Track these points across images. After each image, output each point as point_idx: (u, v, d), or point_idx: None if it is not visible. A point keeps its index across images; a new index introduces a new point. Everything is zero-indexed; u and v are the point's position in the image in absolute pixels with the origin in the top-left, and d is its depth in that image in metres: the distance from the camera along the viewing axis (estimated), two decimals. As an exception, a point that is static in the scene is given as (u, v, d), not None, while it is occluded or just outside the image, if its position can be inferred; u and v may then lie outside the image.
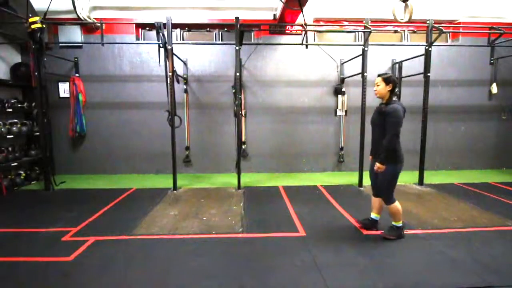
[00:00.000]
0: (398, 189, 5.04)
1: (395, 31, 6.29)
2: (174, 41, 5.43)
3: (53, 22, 5.62)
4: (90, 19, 5.76)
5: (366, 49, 4.99)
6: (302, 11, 4.58)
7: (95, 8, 5.89)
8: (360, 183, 5.21)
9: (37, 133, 5.58)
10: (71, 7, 5.30)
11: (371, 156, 3.21)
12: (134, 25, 6.03)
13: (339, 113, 6.37)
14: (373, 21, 5.47)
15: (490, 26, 5.63)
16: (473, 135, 6.60)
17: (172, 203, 4.38)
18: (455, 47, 6.30)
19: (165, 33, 4.78)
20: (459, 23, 6.39)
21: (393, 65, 6.31)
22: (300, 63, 6.25)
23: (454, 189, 5.04)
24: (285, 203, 4.37)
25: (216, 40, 6.38)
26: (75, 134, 5.98)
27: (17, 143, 5.57)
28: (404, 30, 6.40)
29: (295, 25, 5.88)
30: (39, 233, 3.35)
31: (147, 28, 6.26)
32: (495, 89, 6.35)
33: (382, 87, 3.02)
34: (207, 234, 3.32)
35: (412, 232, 3.35)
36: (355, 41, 6.48)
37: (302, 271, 2.57)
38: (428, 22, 5.02)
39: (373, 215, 3.37)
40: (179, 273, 2.55)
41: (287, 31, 6.17)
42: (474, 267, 2.61)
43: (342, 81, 6.25)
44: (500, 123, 6.60)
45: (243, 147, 6.26)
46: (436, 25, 4.97)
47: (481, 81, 6.46)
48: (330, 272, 2.54)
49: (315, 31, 6.21)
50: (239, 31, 4.79)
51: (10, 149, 5.24)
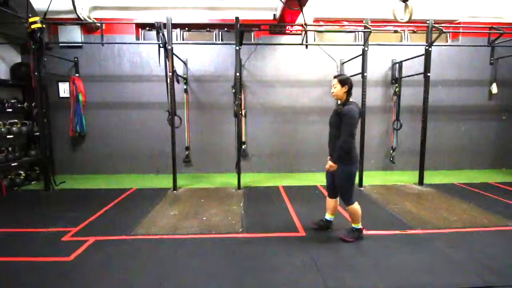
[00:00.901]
0: (398, 189, 5.10)
1: (395, 31, 6.28)
2: (174, 41, 5.43)
3: (53, 22, 5.62)
4: (90, 19, 5.75)
5: (366, 49, 5.00)
6: (302, 11, 4.58)
7: (95, 8, 5.88)
8: (360, 183, 5.21)
9: (37, 133, 5.58)
10: (71, 7, 5.30)
11: (329, 156, 3.14)
12: (134, 25, 6.03)
13: (339, 113, 6.36)
14: (373, 21, 5.46)
15: (490, 26, 5.63)
16: (473, 135, 6.60)
17: (172, 203, 4.38)
18: (455, 47, 6.29)
19: (165, 33, 4.78)
20: (459, 23, 6.39)
21: (393, 65, 6.31)
22: (300, 63, 6.25)
23: (454, 189, 5.04)
24: (285, 203, 4.37)
25: (216, 40, 6.38)
26: (75, 134, 5.98)
27: (17, 143, 5.57)
28: (404, 30, 6.40)
29: (295, 25, 5.88)
30: (39, 233, 3.35)
31: (147, 28, 6.26)
32: (495, 89, 6.35)
33: (338, 88, 3.02)
34: (207, 234, 3.32)
35: (412, 232, 3.35)
36: (355, 41, 6.48)
37: (302, 271, 2.57)
38: (428, 22, 5.02)
39: (328, 216, 3.37)
40: (179, 273, 2.55)
41: (287, 31, 6.17)
42: (474, 267, 2.61)
43: (342, 81, 6.24)
44: (500, 123, 6.60)
45: (243, 147, 6.26)
46: (436, 25, 4.97)
47: (481, 81, 6.46)
48: (330, 272, 2.54)
49: (315, 31, 6.21)
50: (239, 31, 4.79)
51: (10, 149, 5.24)
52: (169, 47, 4.78)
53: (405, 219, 3.71)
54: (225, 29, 6.32)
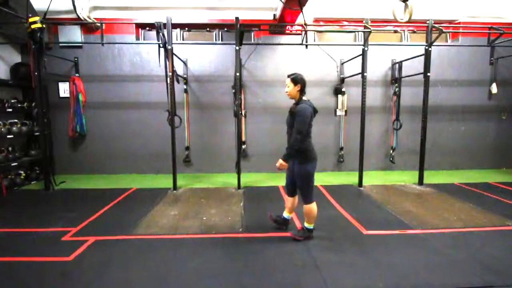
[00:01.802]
0: (398, 189, 5.10)
1: (395, 31, 6.28)
2: (174, 41, 5.42)
3: (53, 22, 5.62)
4: (90, 19, 5.75)
5: (366, 49, 4.99)
6: (302, 11, 4.58)
7: (95, 8, 5.88)
8: (360, 183, 5.21)
9: (37, 133, 5.58)
10: (71, 7, 5.30)
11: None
12: (134, 25, 6.03)
13: (339, 113, 6.37)
14: (373, 21, 5.46)
15: (490, 26, 5.62)
16: (473, 135, 6.60)
17: (172, 203, 4.38)
18: (455, 47, 6.29)
19: (165, 33, 4.78)
20: (459, 23, 6.39)
21: (393, 65, 6.31)
22: (300, 63, 6.24)
23: (454, 189, 5.04)
24: (285, 203, 4.36)
25: (216, 40, 6.38)
26: (75, 134, 5.98)
27: (17, 143, 5.57)
28: (404, 30, 6.40)
29: (295, 25, 5.88)
30: (39, 233, 3.35)
31: (147, 28, 6.26)
32: (495, 89, 6.35)
33: (291, 88, 3.00)
34: (207, 234, 3.32)
35: (412, 232, 3.35)
36: (355, 41, 6.48)
37: (302, 271, 2.57)
38: (428, 22, 5.02)
39: (285, 214, 3.38)
40: (179, 273, 2.56)
41: (287, 31, 6.17)
42: (474, 267, 2.61)
43: (342, 81, 6.25)
44: (500, 123, 6.60)
45: (243, 147, 6.26)
46: (436, 25, 4.97)
47: (481, 81, 6.46)
48: (330, 272, 2.54)
49: (315, 31, 6.21)
50: (239, 31, 4.79)
51: (10, 149, 5.24)
52: (169, 47, 4.78)
53: (405, 219, 3.71)
54: (225, 29, 6.32)
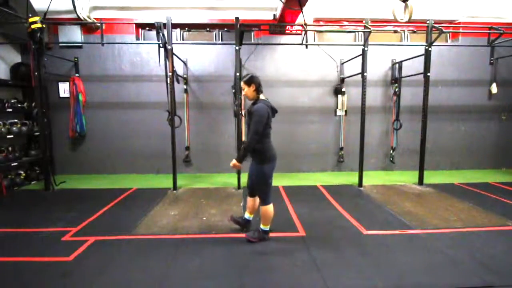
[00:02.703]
0: (398, 189, 5.10)
1: (395, 31, 6.28)
2: (174, 41, 5.43)
3: (53, 22, 5.62)
4: (90, 19, 5.76)
5: (366, 49, 4.99)
6: (302, 11, 4.58)
7: (95, 8, 5.88)
8: (360, 183, 5.21)
9: (37, 133, 5.58)
10: (71, 7, 5.30)
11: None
12: (134, 25, 6.03)
13: (339, 113, 6.38)
14: (373, 21, 5.46)
15: (490, 26, 5.62)
16: (473, 135, 6.60)
17: (172, 203, 4.38)
18: (455, 47, 6.30)
19: (165, 33, 4.78)
20: (459, 23, 6.39)
21: (393, 65, 6.31)
22: (300, 63, 6.25)
23: (454, 189, 5.04)
24: (285, 203, 4.37)
25: (216, 40, 6.38)
26: (75, 134, 5.98)
27: (17, 143, 5.57)
28: (404, 30, 6.40)
29: (295, 25, 5.88)
30: (39, 233, 3.35)
31: (147, 28, 6.26)
32: (495, 89, 6.35)
33: (247, 90, 2.97)
34: (207, 234, 3.32)
35: (412, 232, 3.35)
36: (355, 41, 6.48)
37: (302, 271, 2.57)
38: (428, 22, 5.02)
39: (247, 215, 3.35)
40: (179, 273, 2.56)
41: (287, 31, 6.17)
42: (474, 267, 2.61)
43: (342, 81, 6.25)
44: (500, 123, 6.61)
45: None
46: (436, 25, 4.97)
47: (481, 81, 6.46)
48: (330, 272, 2.54)
49: (315, 31, 6.21)
50: (239, 31, 4.79)
51: (10, 149, 5.24)
52: (169, 47, 4.78)
53: (405, 219, 3.71)
54: (225, 29, 6.31)
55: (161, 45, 4.87)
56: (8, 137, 5.12)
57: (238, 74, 4.93)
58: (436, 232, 3.34)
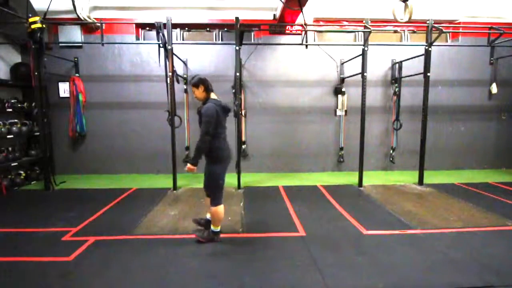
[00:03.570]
0: (398, 189, 5.10)
1: (395, 31, 6.28)
2: (174, 41, 5.42)
3: (53, 22, 5.62)
4: (90, 19, 5.75)
5: (366, 49, 4.99)
6: (302, 11, 4.58)
7: (95, 8, 5.88)
8: (360, 183, 5.21)
9: (37, 133, 5.58)
10: (71, 7, 5.30)
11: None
12: (134, 25, 6.03)
13: (339, 113, 6.38)
14: (373, 21, 5.46)
15: (490, 26, 5.62)
16: (473, 135, 6.60)
17: (172, 203, 4.38)
18: (455, 47, 6.29)
19: (165, 33, 4.78)
20: (459, 23, 6.39)
21: (393, 65, 6.31)
22: (300, 63, 6.25)
23: (454, 189, 5.04)
24: (285, 203, 4.37)
25: (216, 40, 6.38)
26: (75, 134, 5.98)
27: (17, 143, 5.57)
28: (404, 30, 6.40)
29: (295, 25, 5.88)
30: (39, 233, 3.35)
31: (147, 28, 6.26)
32: (495, 89, 6.35)
33: (196, 92, 2.98)
34: (207, 234, 3.32)
35: (412, 232, 3.35)
36: (355, 41, 6.47)
37: (302, 271, 2.57)
38: (428, 22, 5.02)
39: (208, 215, 3.27)
40: (179, 273, 2.56)
41: (287, 31, 6.17)
42: (474, 267, 2.61)
43: (342, 81, 6.25)
44: (500, 123, 6.60)
45: (243, 147, 6.26)
46: (436, 25, 4.97)
47: (481, 81, 6.45)
48: (330, 272, 2.55)
49: (315, 31, 6.21)
50: (239, 31, 4.79)
51: (10, 149, 5.24)
52: (169, 47, 4.78)
53: (405, 219, 3.71)
54: (225, 29, 6.31)
55: (161, 45, 4.87)
56: (8, 137, 5.12)
57: (238, 74, 4.93)
58: (436, 232, 3.34)
